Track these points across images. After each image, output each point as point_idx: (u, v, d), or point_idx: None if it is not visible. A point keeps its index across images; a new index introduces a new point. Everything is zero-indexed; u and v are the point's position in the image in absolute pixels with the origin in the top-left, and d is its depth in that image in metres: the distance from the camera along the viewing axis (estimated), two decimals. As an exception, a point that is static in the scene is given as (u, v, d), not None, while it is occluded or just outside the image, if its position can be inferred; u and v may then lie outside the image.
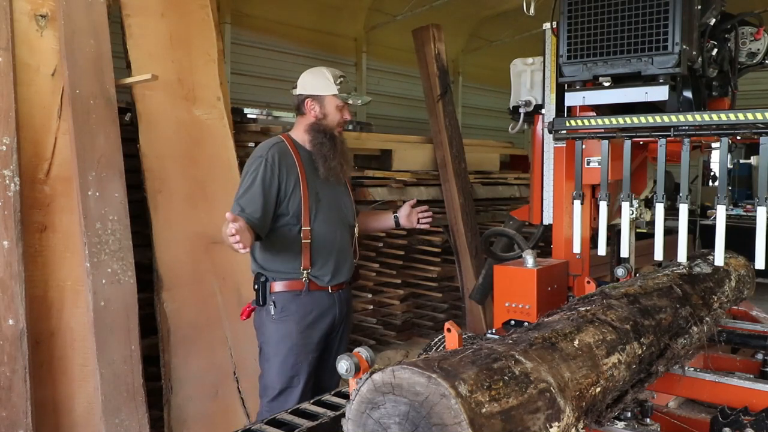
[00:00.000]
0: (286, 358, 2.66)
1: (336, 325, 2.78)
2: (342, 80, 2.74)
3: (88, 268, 3.07)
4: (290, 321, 2.66)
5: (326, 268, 2.71)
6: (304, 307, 2.67)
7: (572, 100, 2.73)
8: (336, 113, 2.73)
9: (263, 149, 2.70)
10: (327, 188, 2.74)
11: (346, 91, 2.74)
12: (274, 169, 2.63)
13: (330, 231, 2.72)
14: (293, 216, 2.66)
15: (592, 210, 3.12)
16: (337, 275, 2.74)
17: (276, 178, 2.63)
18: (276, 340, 2.68)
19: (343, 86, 2.73)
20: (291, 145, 2.73)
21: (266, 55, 8.51)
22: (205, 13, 3.96)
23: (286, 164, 2.67)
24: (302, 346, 2.67)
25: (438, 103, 6.04)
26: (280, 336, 2.67)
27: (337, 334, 2.82)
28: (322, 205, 2.70)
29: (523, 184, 6.81)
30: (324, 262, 2.70)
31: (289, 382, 2.66)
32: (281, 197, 2.65)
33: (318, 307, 2.70)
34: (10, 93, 3.03)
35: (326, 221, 2.71)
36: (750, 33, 2.90)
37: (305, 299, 2.67)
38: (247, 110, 4.87)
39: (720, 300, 2.74)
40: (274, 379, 2.69)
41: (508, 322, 2.82)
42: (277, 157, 2.66)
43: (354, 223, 2.87)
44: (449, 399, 1.23)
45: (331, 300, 2.74)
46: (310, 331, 2.68)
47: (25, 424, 2.86)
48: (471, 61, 11.68)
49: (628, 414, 1.94)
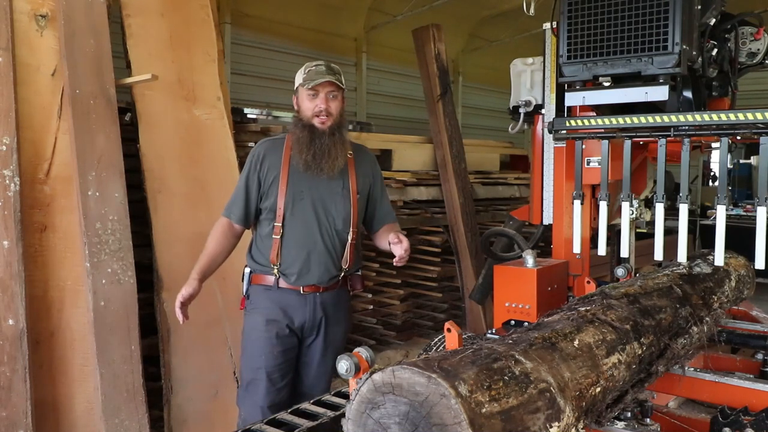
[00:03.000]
0: (251, 349, 2.70)
1: (308, 328, 2.70)
2: (312, 68, 2.63)
3: (88, 268, 3.07)
4: (257, 313, 2.70)
5: (293, 266, 2.66)
6: (271, 302, 2.68)
7: (572, 100, 2.73)
8: (307, 102, 2.64)
9: (256, 146, 2.79)
10: (316, 185, 2.66)
11: (312, 78, 2.61)
12: (256, 165, 2.71)
13: (305, 230, 2.65)
14: (270, 211, 2.68)
15: (592, 210, 3.11)
16: (305, 276, 2.66)
17: (257, 174, 2.70)
18: (246, 331, 2.74)
19: (310, 74, 2.63)
20: (288, 142, 2.72)
21: (266, 55, 8.52)
22: (205, 13, 3.96)
23: (269, 160, 2.70)
24: (266, 339, 2.66)
25: (438, 103, 6.04)
26: (249, 327, 2.73)
27: (315, 339, 2.73)
28: (303, 203, 2.65)
29: (523, 184, 6.81)
30: (292, 260, 2.66)
31: (254, 374, 2.67)
32: (262, 192, 2.71)
33: (285, 304, 2.68)
34: (10, 93, 3.03)
35: (302, 220, 2.65)
36: (750, 33, 2.90)
37: (274, 294, 2.68)
38: (247, 110, 4.87)
39: (720, 300, 2.74)
40: (242, 369, 2.77)
41: (508, 322, 2.82)
42: (262, 153, 2.72)
43: (344, 227, 2.70)
44: (449, 399, 1.23)
45: (301, 301, 2.68)
46: (274, 324, 2.67)
47: (25, 424, 2.86)
48: (471, 61, 11.69)
49: (628, 414, 1.94)
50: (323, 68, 2.65)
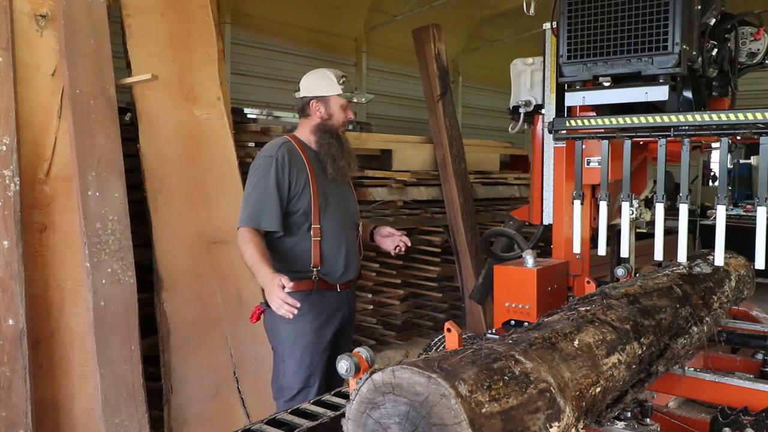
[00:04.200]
0: (302, 357, 2.68)
1: (344, 324, 2.82)
2: (344, 80, 2.77)
3: (88, 268, 3.07)
4: (303, 321, 2.66)
5: (337, 265, 2.73)
6: (316, 307, 2.69)
7: (572, 100, 2.74)
8: (341, 113, 2.76)
9: (272, 149, 2.70)
10: (334, 187, 2.78)
11: (349, 90, 2.78)
12: (284, 168, 2.65)
13: (338, 229, 2.75)
14: (302, 214, 2.67)
15: (592, 210, 3.12)
16: (346, 272, 2.78)
17: (286, 177, 2.65)
18: (290, 341, 2.69)
19: (346, 85, 2.77)
20: (298, 145, 2.75)
21: (266, 55, 8.51)
22: (205, 13, 3.96)
23: (295, 163, 2.68)
24: (316, 344, 2.69)
25: (438, 103, 6.04)
26: (294, 336, 2.68)
27: (344, 333, 2.85)
28: (330, 203, 2.74)
29: (523, 184, 6.81)
30: (334, 259, 2.73)
31: (306, 382, 2.67)
32: (291, 196, 2.67)
33: (328, 306, 2.73)
34: (10, 93, 3.03)
35: (334, 219, 2.74)
36: (750, 33, 2.90)
37: (315, 299, 2.68)
38: (247, 110, 4.87)
39: (720, 300, 2.74)
40: (290, 379, 2.70)
41: (508, 322, 2.82)
42: (286, 156, 2.68)
43: (359, 221, 2.92)
44: (449, 399, 1.23)
45: (339, 299, 2.77)
46: (323, 329, 2.71)
47: (25, 424, 2.86)
48: (471, 61, 11.68)
49: (628, 414, 1.94)
50: (350, 81, 2.83)
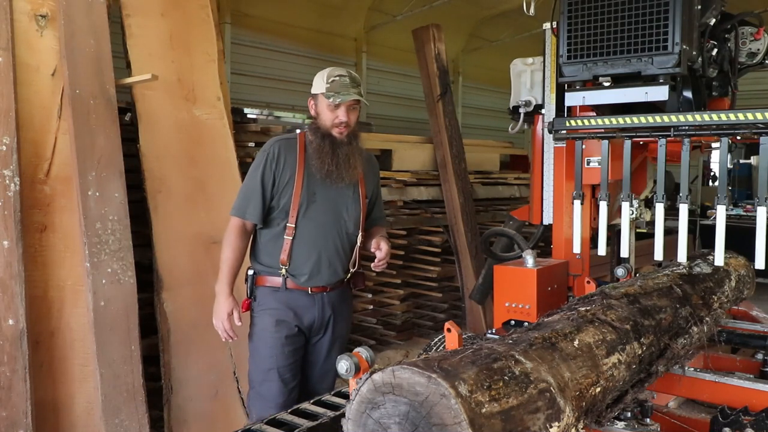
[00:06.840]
0: (262, 350, 2.70)
1: (317, 327, 2.74)
2: (336, 79, 2.60)
3: (88, 268, 3.07)
4: (266, 314, 2.69)
5: (304, 267, 2.67)
6: (279, 302, 2.69)
7: (572, 100, 2.74)
8: (327, 113, 2.63)
9: (269, 143, 2.74)
10: (328, 189, 2.69)
11: (337, 90, 2.59)
12: (272, 163, 2.67)
13: (317, 232, 2.67)
14: (282, 210, 2.66)
15: (592, 210, 3.12)
16: (315, 277, 2.69)
17: (272, 172, 2.66)
18: (255, 333, 2.73)
19: (333, 85, 2.59)
20: (301, 142, 2.72)
21: (266, 55, 8.52)
22: (205, 13, 3.96)
23: (285, 159, 2.67)
24: (276, 339, 2.67)
25: (438, 103, 6.05)
26: (258, 329, 2.72)
27: (323, 337, 2.77)
28: (316, 204, 2.67)
29: (523, 184, 6.81)
30: (303, 261, 2.67)
31: (265, 375, 2.68)
32: (275, 191, 2.67)
33: (294, 304, 2.69)
34: (10, 93, 3.03)
35: (315, 221, 2.67)
36: (750, 33, 2.90)
37: (281, 295, 2.69)
38: (247, 110, 4.87)
39: (720, 300, 2.74)
40: (252, 371, 2.75)
41: (508, 322, 2.82)
42: (277, 151, 2.68)
43: (355, 230, 2.75)
44: (449, 399, 1.23)
45: (310, 301, 2.70)
46: (284, 325, 2.68)
47: (25, 424, 2.86)
48: (471, 61, 11.68)
49: (628, 414, 1.94)
50: (347, 81, 2.60)
